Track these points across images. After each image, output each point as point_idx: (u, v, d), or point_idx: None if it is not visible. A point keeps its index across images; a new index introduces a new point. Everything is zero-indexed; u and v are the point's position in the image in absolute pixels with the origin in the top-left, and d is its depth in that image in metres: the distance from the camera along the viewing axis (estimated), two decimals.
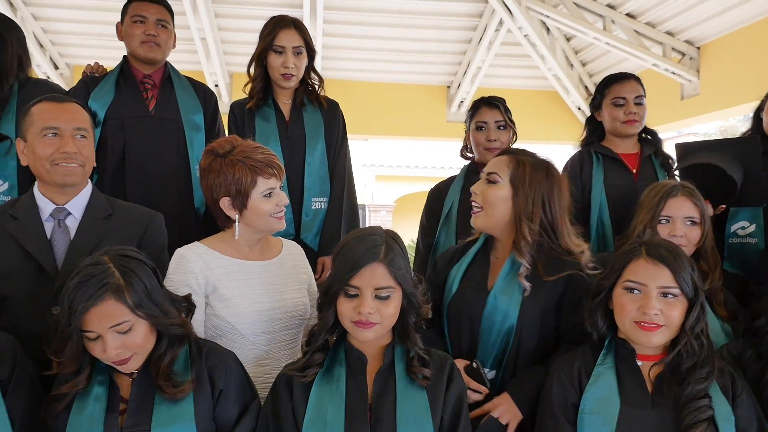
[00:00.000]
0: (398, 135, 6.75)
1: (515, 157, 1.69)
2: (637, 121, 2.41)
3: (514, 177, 1.65)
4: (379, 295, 1.38)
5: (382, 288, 1.38)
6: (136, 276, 1.34)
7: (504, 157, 1.70)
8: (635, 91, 2.42)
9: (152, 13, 2.32)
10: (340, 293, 1.40)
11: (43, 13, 5.31)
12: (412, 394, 1.40)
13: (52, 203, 1.69)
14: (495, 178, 1.67)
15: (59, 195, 1.69)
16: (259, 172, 1.62)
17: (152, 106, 2.34)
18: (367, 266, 1.37)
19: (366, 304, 1.36)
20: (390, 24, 5.36)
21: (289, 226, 2.37)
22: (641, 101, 2.42)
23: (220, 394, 1.42)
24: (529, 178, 1.64)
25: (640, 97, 2.42)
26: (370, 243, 1.39)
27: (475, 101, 2.54)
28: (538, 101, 6.22)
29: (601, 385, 1.45)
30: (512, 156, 1.69)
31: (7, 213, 1.67)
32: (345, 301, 1.39)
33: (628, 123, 2.40)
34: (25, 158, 1.69)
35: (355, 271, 1.36)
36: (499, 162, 1.69)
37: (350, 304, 1.39)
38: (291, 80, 2.38)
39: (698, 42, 4.81)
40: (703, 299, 1.44)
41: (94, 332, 1.32)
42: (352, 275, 1.37)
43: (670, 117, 5.06)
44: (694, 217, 1.85)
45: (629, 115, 2.39)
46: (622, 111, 2.41)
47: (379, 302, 1.38)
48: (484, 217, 1.69)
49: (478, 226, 1.72)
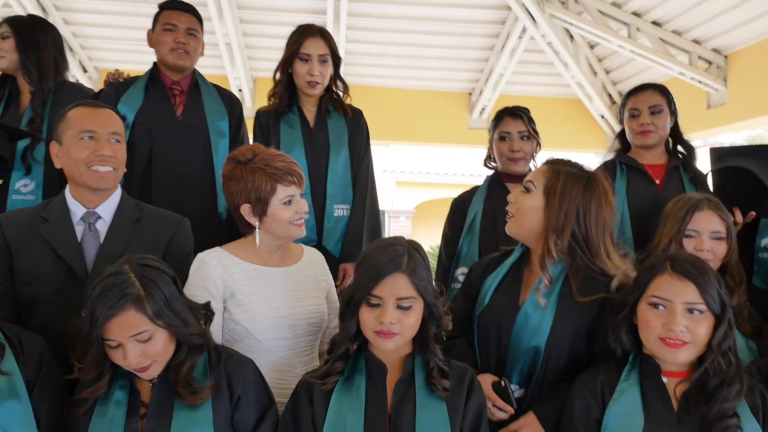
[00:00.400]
0: (419, 141, 6.75)
1: (554, 167, 1.62)
2: (653, 132, 2.37)
3: (548, 187, 1.59)
4: (400, 305, 1.38)
5: (404, 298, 1.38)
6: (156, 286, 1.37)
7: (544, 167, 1.65)
8: (649, 101, 2.39)
9: (183, 21, 2.37)
10: (363, 303, 1.40)
11: (74, 18, 5.44)
12: (432, 405, 1.40)
13: (83, 207, 1.72)
14: (530, 186, 1.62)
15: (90, 198, 1.72)
16: (279, 179, 1.64)
17: (179, 111, 2.38)
18: (389, 276, 1.37)
19: (388, 314, 1.37)
20: (412, 31, 5.38)
21: (312, 233, 2.38)
22: (658, 110, 2.38)
23: (238, 400, 1.44)
24: (562, 190, 1.57)
25: (657, 107, 2.38)
26: (393, 253, 1.40)
27: (498, 111, 2.53)
28: (561, 109, 6.17)
29: (625, 402, 1.43)
30: (551, 166, 1.63)
31: (39, 215, 1.70)
32: (367, 310, 1.40)
33: (642, 134, 2.38)
34: (59, 161, 1.72)
35: (378, 281, 1.37)
36: (538, 171, 1.65)
37: (372, 314, 1.39)
38: (316, 88, 2.40)
39: (726, 50, 4.73)
40: (730, 315, 1.42)
41: (114, 341, 1.34)
42: (375, 285, 1.37)
43: (697, 126, 4.99)
44: (721, 231, 1.83)
45: (642, 126, 2.37)
46: (636, 122, 2.39)
47: (400, 312, 1.39)
48: (514, 225, 1.65)
49: (511, 233, 1.67)
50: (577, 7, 4.83)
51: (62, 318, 1.50)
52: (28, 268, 1.65)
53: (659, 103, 2.39)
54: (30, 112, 2.33)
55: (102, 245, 1.70)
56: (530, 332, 1.58)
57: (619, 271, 1.57)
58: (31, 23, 2.46)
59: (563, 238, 1.56)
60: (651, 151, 2.43)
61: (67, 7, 5.31)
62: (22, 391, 1.38)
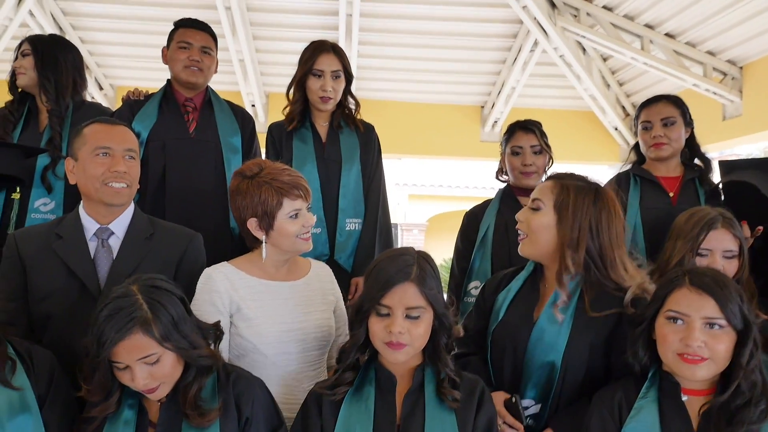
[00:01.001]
0: (431, 154, 6.75)
1: (560, 182, 1.61)
2: (666, 144, 2.35)
3: (558, 203, 1.57)
4: (410, 315, 1.38)
5: (413, 308, 1.38)
6: (164, 308, 1.36)
7: (549, 183, 1.63)
8: (661, 113, 2.36)
9: (197, 40, 2.40)
10: (372, 312, 1.40)
11: (90, 37, 5.54)
12: (441, 417, 1.39)
13: (96, 223, 1.74)
14: (538, 204, 1.61)
15: (104, 215, 1.74)
16: (285, 193, 1.64)
17: (192, 128, 2.41)
18: (398, 285, 1.37)
19: (397, 324, 1.37)
20: (424, 45, 5.40)
21: (324, 247, 2.38)
22: (671, 122, 2.36)
23: (247, 422, 1.42)
24: (573, 204, 1.56)
25: (670, 119, 2.36)
26: (402, 263, 1.40)
27: (510, 125, 2.52)
28: (574, 121, 6.14)
29: (642, 420, 1.39)
30: (557, 181, 1.62)
31: (53, 232, 1.72)
32: (376, 320, 1.40)
33: (655, 146, 2.36)
34: (74, 177, 1.74)
35: (387, 290, 1.37)
36: (544, 188, 1.63)
37: (381, 324, 1.39)
38: (329, 103, 2.42)
39: (741, 62, 4.69)
40: (756, 333, 1.37)
41: (122, 363, 1.34)
42: (384, 294, 1.37)
43: (712, 138, 4.93)
44: (733, 250, 1.81)
45: (654, 139, 2.35)
46: (649, 135, 2.37)
47: (409, 322, 1.38)
48: (529, 245, 1.63)
49: (525, 254, 1.65)
50: (589, 20, 4.82)
51: (75, 334, 1.50)
52: (41, 284, 1.67)
53: (672, 114, 2.37)
54: (49, 131, 2.36)
55: (115, 261, 1.71)
56: (546, 347, 1.56)
57: (635, 281, 1.55)
58: (52, 42, 2.50)
59: (579, 253, 1.54)
60: (666, 163, 2.41)
61: (83, 26, 5.41)
62: (34, 405, 1.39)
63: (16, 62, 2.43)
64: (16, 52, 2.46)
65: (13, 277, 1.69)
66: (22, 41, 2.48)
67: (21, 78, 2.44)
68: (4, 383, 1.37)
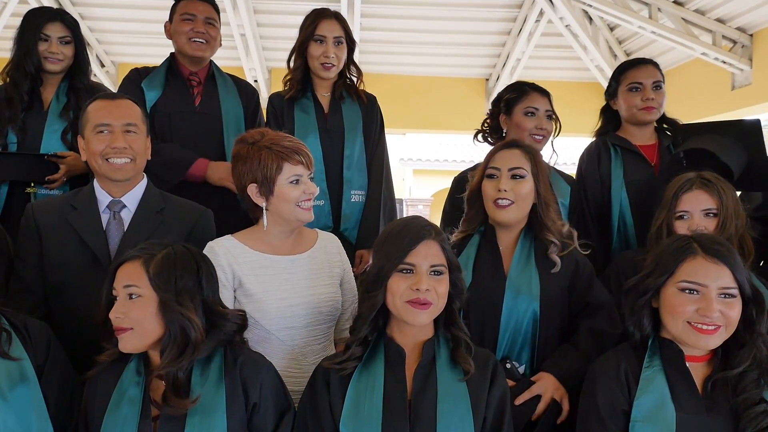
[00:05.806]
0: (436, 129, 6.71)
1: (523, 149, 1.78)
2: (655, 108, 2.27)
3: (533, 169, 1.75)
4: (435, 271, 1.40)
5: (437, 264, 1.40)
6: (175, 265, 1.39)
7: (518, 151, 1.77)
8: (653, 76, 2.29)
9: (201, 11, 2.36)
10: (393, 273, 1.39)
11: (90, 13, 5.48)
12: (454, 392, 1.38)
13: (109, 195, 1.77)
14: (522, 173, 1.73)
15: (115, 188, 1.77)
16: (285, 158, 1.63)
17: (198, 102, 2.39)
18: (423, 242, 1.39)
19: (423, 281, 1.37)
20: (428, 17, 5.32)
21: (328, 219, 2.37)
22: (660, 86, 2.29)
23: (255, 406, 1.41)
24: (541, 167, 1.76)
25: (659, 83, 2.29)
26: (420, 223, 1.43)
27: (519, 84, 2.38)
28: (580, 93, 6.06)
29: (653, 391, 1.38)
30: (521, 149, 1.78)
31: (69, 203, 1.76)
32: (399, 279, 1.39)
33: (646, 110, 2.27)
34: (85, 154, 1.77)
35: (412, 247, 1.38)
36: (518, 157, 1.76)
37: (405, 282, 1.38)
38: (331, 70, 2.38)
39: (751, 29, 4.60)
40: (762, 298, 1.36)
41: (115, 290, 1.39)
42: (409, 251, 1.38)
43: (721, 107, 4.87)
44: (712, 208, 1.76)
45: (647, 102, 2.26)
46: (639, 97, 2.27)
47: (434, 279, 1.39)
48: (515, 211, 1.73)
49: (509, 220, 1.74)
50: None
51: (87, 303, 1.53)
52: (55, 254, 1.71)
53: (660, 79, 2.31)
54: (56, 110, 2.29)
55: (125, 233, 1.74)
56: (524, 297, 1.67)
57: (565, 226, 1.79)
58: (77, 23, 2.40)
59: (551, 208, 1.77)
60: (642, 129, 2.33)
61: (83, 1, 5.34)
62: (32, 376, 1.41)
63: (54, 48, 2.26)
64: (36, 34, 2.24)
65: (30, 246, 1.72)
66: (52, 20, 2.29)
67: (57, 65, 2.28)
68: (2, 354, 1.39)
